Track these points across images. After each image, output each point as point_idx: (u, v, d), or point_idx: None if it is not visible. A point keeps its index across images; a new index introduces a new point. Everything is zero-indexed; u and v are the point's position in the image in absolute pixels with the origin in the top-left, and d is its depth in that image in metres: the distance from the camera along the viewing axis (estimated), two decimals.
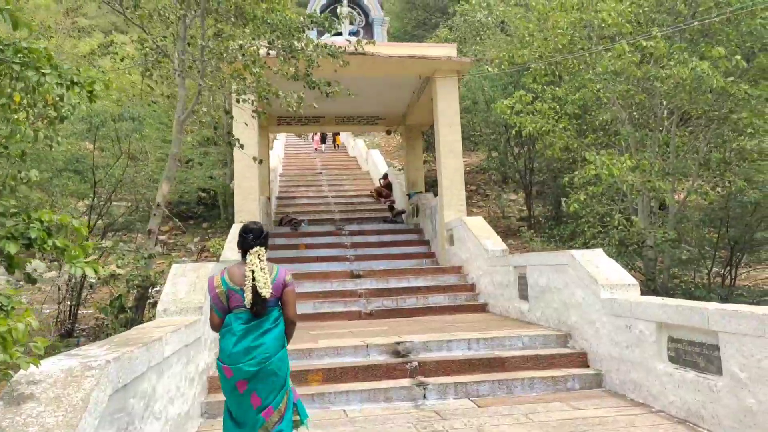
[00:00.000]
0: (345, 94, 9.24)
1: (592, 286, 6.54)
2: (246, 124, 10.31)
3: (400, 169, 22.96)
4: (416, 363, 6.49)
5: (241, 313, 3.66)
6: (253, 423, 3.59)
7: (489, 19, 17.49)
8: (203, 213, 17.61)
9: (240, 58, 7.37)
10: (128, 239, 12.00)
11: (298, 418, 3.90)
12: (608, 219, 10.55)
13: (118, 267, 8.07)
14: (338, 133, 31.30)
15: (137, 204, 11.89)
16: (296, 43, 8.30)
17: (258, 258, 3.70)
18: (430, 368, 6.48)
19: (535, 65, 10.76)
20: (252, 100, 8.45)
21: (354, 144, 29.78)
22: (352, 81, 14.90)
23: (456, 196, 13.13)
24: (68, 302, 8.46)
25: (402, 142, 27.32)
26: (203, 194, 18.92)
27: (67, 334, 8.42)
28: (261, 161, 9.32)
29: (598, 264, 6.77)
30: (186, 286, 6.10)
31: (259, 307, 3.63)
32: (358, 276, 11.50)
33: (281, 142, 30.07)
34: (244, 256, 3.78)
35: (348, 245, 14.55)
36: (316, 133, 30.56)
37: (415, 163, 18.16)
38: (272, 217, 17.30)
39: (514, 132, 11.66)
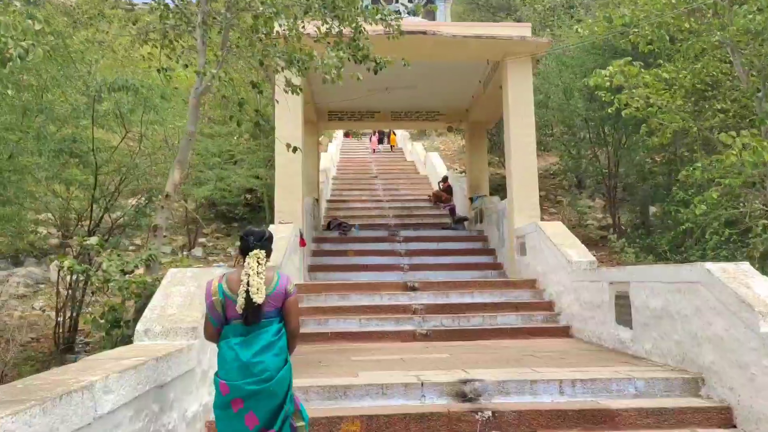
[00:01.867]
0: (399, 68, 7.57)
1: (742, 314, 4.62)
2: (277, 101, 8.80)
3: (461, 173, 21.19)
4: (489, 412, 4.72)
5: (238, 325, 3.37)
6: None
7: None
8: (246, 215, 16.32)
9: (260, 7, 5.87)
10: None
11: (302, 423, 3.57)
12: (717, 225, 8.46)
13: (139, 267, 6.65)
14: (393, 133, 30.17)
15: (149, 196, 10.49)
16: (339, 2, 6.72)
17: (257, 261, 3.38)
18: (510, 421, 4.70)
19: (636, 33, 8.69)
20: (281, 67, 6.87)
21: (411, 148, 28.32)
22: (408, 68, 13.31)
23: (528, 198, 11.29)
24: (69, 310, 7.17)
25: (464, 143, 25.61)
26: (249, 196, 17.72)
27: (67, 349, 7.12)
28: (296, 149, 7.77)
29: (749, 283, 4.83)
30: (181, 297, 4.57)
31: (251, 315, 3.32)
32: (413, 288, 9.80)
33: (336, 145, 28.95)
34: (244, 259, 3.47)
35: (402, 253, 12.89)
36: (374, 133, 29.57)
37: (479, 164, 16.34)
38: (321, 220, 15.88)
39: (609, 111, 9.58)
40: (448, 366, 5.96)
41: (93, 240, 5.79)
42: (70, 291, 7.20)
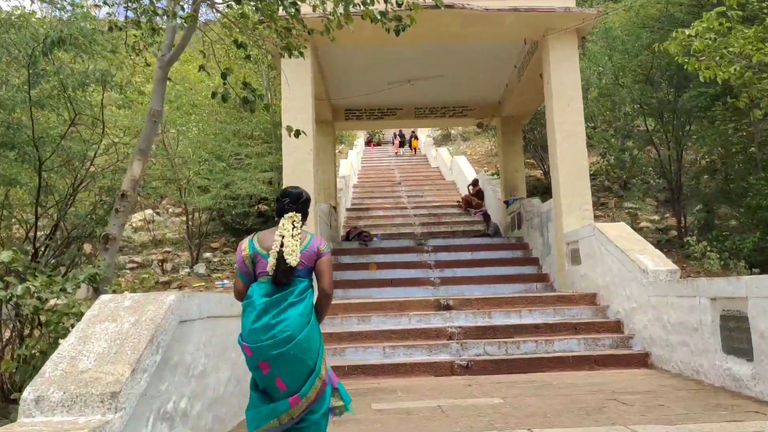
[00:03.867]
0: (423, 55, 5.96)
1: None
2: (268, 65, 7.29)
3: (493, 174, 19.51)
4: None
5: (265, 282, 3.15)
6: (276, 404, 3.02)
7: None
8: (257, 226, 14.82)
9: None
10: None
11: (341, 403, 3.26)
12: None
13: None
14: (415, 137, 29.30)
15: (106, 198, 8.72)
16: None
17: (292, 224, 3.19)
18: None
19: None
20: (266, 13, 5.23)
21: (436, 154, 26.87)
22: (432, 54, 11.78)
23: (579, 196, 9.61)
24: (15, 350, 5.72)
25: (493, 146, 23.90)
26: (263, 206, 16.25)
27: (15, 399, 5.64)
28: (298, 133, 6.21)
29: None
30: (106, 341, 3.00)
31: (282, 275, 3.11)
32: (447, 307, 8.15)
33: (357, 153, 27.67)
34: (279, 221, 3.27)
35: (431, 264, 11.26)
36: (395, 137, 28.83)
37: (514, 163, 14.64)
38: (339, 231, 14.35)
39: (669, 95, 7.86)
40: (506, 421, 4.30)
41: (5, 255, 4.27)
42: (17, 325, 5.73)
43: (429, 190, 20.61)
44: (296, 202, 3.35)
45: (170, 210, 19.38)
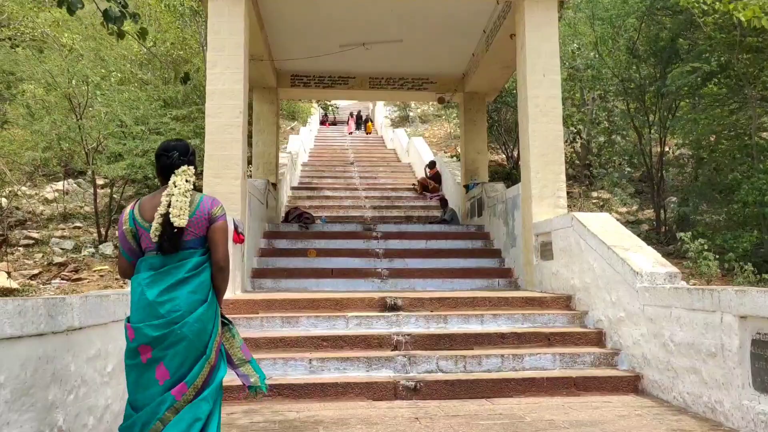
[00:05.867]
0: (380, 16, 4.38)
1: None
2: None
3: (452, 157, 18.20)
4: None
5: (152, 258, 2.79)
6: (155, 404, 2.63)
7: None
8: None
9: None
10: None
11: (257, 376, 3.01)
12: None
13: None
14: (371, 121, 28.12)
15: None
16: None
17: (185, 180, 2.77)
18: None
19: None
20: None
21: (393, 135, 25.52)
22: (391, 15, 10.26)
23: (552, 182, 8.38)
24: None
25: (455, 127, 22.58)
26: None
27: None
28: (186, 78, 4.89)
29: None
30: None
31: (168, 243, 2.74)
32: (395, 307, 6.68)
33: (309, 130, 26.11)
34: (165, 182, 2.84)
35: (380, 253, 9.80)
36: (351, 116, 27.73)
37: (476, 144, 13.24)
38: (280, 210, 12.78)
39: (654, 71, 6.48)
40: None
41: None
42: None
43: (383, 171, 19.28)
44: (186, 154, 2.91)
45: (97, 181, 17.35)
